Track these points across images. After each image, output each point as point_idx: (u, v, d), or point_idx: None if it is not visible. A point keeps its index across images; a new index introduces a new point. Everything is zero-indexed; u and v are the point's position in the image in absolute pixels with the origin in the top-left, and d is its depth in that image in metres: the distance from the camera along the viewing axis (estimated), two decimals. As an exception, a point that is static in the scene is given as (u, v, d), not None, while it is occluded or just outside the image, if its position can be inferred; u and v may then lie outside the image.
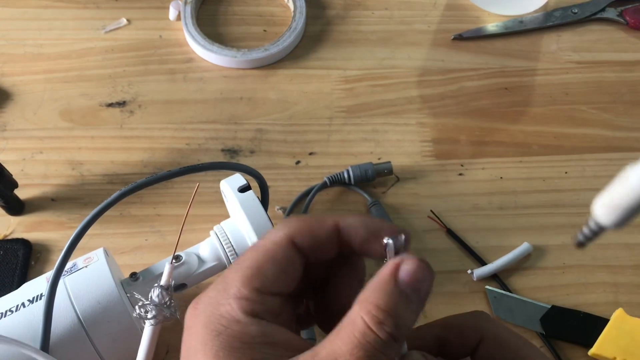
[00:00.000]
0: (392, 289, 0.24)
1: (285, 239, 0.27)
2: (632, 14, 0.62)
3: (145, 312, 0.35)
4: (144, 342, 0.35)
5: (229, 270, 0.26)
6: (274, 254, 0.26)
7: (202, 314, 0.25)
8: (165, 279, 0.36)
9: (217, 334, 0.24)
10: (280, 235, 0.27)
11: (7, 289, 0.46)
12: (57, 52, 0.59)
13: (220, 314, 0.25)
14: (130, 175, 0.53)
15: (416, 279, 0.24)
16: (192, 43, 0.59)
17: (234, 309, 0.25)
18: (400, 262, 0.24)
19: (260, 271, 0.26)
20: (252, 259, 0.26)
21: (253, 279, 0.25)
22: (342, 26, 0.63)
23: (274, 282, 0.26)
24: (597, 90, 0.59)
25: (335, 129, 0.56)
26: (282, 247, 0.26)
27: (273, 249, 0.26)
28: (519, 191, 0.53)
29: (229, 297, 0.25)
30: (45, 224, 0.50)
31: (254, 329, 0.24)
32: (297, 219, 0.27)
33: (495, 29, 0.62)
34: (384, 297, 0.23)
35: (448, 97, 0.58)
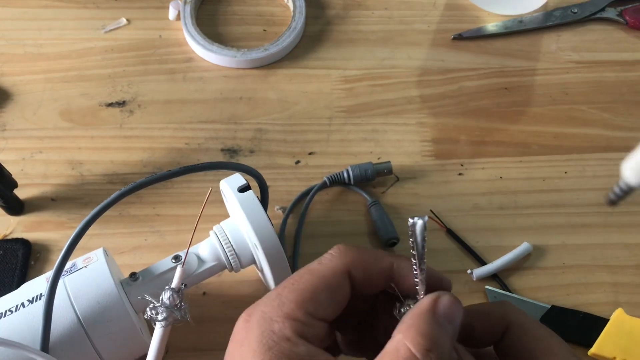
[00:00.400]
0: (431, 319, 0.25)
1: (342, 269, 0.28)
2: (632, 13, 0.62)
3: (156, 314, 0.35)
4: (154, 344, 0.35)
5: (285, 289, 0.27)
6: (330, 282, 0.27)
7: (255, 328, 0.26)
8: (176, 281, 0.36)
9: (268, 348, 0.25)
10: (339, 264, 0.28)
11: (7, 289, 0.46)
12: (57, 52, 0.59)
13: (272, 330, 0.26)
14: (130, 175, 0.53)
15: (452, 312, 0.26)
16: (192, 43, 0.59)
17: (286, 328, 0.26)
18: (438, 296, 0.26)
19: (315, 296, 0.27)
20: (309, 282, 0.27)
21: (307, 302, 0.27)
22: (342, 26, 0.63)
23: (325, 308, 0.27)
24: (597, 90, 0.59)
25: (335, 129, 0.56)
26: (338, 276, 0.28)
27: (329, 276, 0.27)
28: (519, 191, 0.53)
29: (283, 316, 0.26)
30: (45, 224, 0.50)
31: (302, 349, 0.26)
32: (355, 250, 0.29)
33: (495, 29, 0.62)
34: (426, 326, 0.25)
35: (448, 97, 0.58)
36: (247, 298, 0.47)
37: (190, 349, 0.45)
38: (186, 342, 0.45)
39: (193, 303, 0.46)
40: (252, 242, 0.41)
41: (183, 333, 0.45)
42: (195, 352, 0.45)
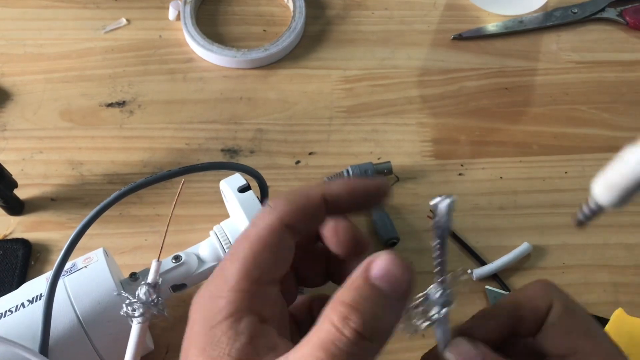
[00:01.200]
0: (361, 284, 0.23)
1: (277, 224, 0.26)
2: (632, 14, 0.62)
3: (132, 310, 0.35)
4: (132, 341, 0.35)
5: (226, 262, 0.26)
6: (269, 242, 0.25)
7: (201, 308, 0.25)
8: (152, 276, 0.36)
9: (210, 326, 0.24)
10: (272, 219, 0.26)
11: (7, 289, 0.46)
12: (57, 52, 0.59)
13: (217, 307, 0.25)
14: (130, 175, 0.53)
15: (389, 274, 0.23)
16: (192, 43, 0.59)
17: (231, 302, 0.24)
18: (372, 259, 0.23)
19: (258, 261, 0.25)
20: (247, 248, 0.25)
21: (251, 270, 0.25)
22: (342, 26, 0.63)
23: (272, 270, 0.25)
24: (597, 90, 0.59)
25: (335, 129, 0.56)
26: (276, 232, 0.26)
27: (267, 235, 0.26)
28: (519, 191, 0.53)
29: (228, 290, 0.25)
30: (45, 224, 0.50)
31: (244, 325, 0.24)
32: (284, 201, 0.27)
33: (495, 29, 0.62)
34: (352, 293, 0.22)
35: (448, 97, 0.58)
36: (247, 298, 0.47)
37: (190, 349, 0.45)
38: (186, 342, 0.45)
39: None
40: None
41: (183, 333, 0.45)
42: (196, 352, 0.45)
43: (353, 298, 0.22)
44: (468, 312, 0.46)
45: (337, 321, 0.22)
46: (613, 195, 0.23)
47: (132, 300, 0.35)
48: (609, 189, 0.23)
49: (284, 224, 0.26)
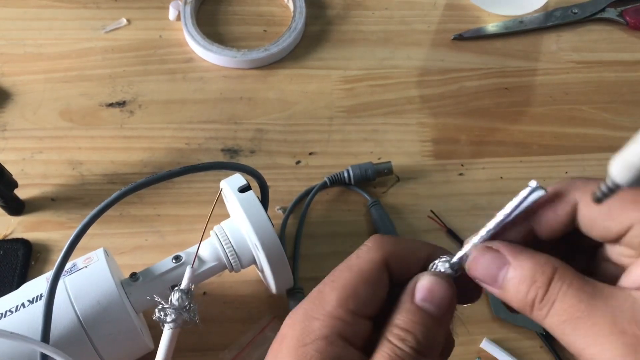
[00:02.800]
0: (409, 307, 0.25)
1: (380, 261, 0.27)
2: (632, 14, 0.62)
3: (164, 316, 0.35)
4: (163, 346, 0.35)
5: (326, 286, 0.27)
6: (369, 276, 0.26)
7: (295, 325, 0.26)
8: (185, 282, 0.36)
9: (303, 344, 0.25)
10: (376, 256, 0.27)
11: (7, 289, 0.45)
12: (57, 52, 0.59)
13: (311, 328, 0.26)
14: (130, 175, 0.53)
15: (431, 293, 0.25)
16: (192, 43, 0.59)
17: (326, 327, 0.25)
18: (415, 282, 0.26)
19: (356, 293, 0.26)
20: (348, 278, 0.26)
21: (349, 300, 0.26)
22: (342, 26, 0.63)
23: (367, 304, 0.26)
24: (597, 90, 0.59)
25: (335, 129, 0.56)
26: (377, 269, 0.27)
27: (368, 270, 0.27)
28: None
29: (324, 314, 0.26)
30: (45, 224, 0.50)
31: (337, 350, 0.25)
32: (392, 240, 0.28)
33: (495, 29, 0.62)
34: (403, 316, 0.25)
35: (448, 97, 0.58)
36: (247, 298, 0.47)
37: (190, 349, 0.45)
38: (186, 342, 0.45)
39: (193, 303, 0.46)
40: (253, 242, 0.41)
41: (183, 333, 0.45)
42: (195, 352, 0.45)
43: (405, 321, 0.25)
44: (468, 312, 0.47)
45: (395, 341, 0.25)
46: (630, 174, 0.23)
47: (164, 306, 0.35)
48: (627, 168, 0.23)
49: (385, 263, 0.27)
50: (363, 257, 0.27)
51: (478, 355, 0.45)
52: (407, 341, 0.24)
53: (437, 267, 0.27)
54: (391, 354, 0.24)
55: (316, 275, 0.38)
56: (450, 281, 0.26)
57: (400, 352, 0.24)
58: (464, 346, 0.46)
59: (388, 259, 0.27)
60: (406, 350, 0.24)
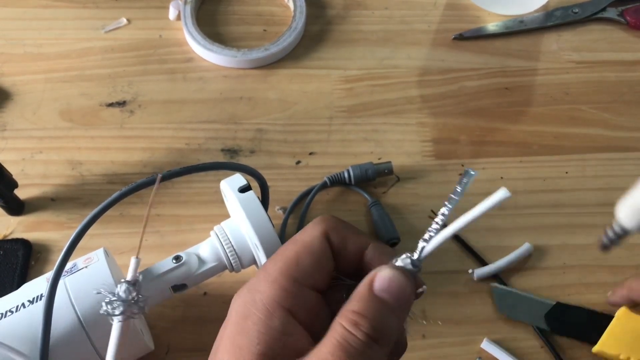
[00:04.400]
0: (367, 295, 0.25)
1: (321, 233, 0.28)
2: (633, 13, 0.62)
3: (112, 309, 0.34)
4: (113, 340, 0.35)
5: (269, 261, 0.28)
6: (311, 246, 0.28)
7: (239, 299, 0.27)
8: (131, 274, 0.35)
9: (245, 317, 0.26)
10: (317, 229, 0.28)
11: (7, 289, 0.45)
12: (57, 52, 0.59)
13: (253, 299, 0.26)
14: (130, 175, 0.52)
15: (391, 285, 0.25)
16: (192, 43, 0.59)
17: (267, 297, 0.26)
18: (375, 273, 0.26)
19: (299, 262, 0.27)
20: (291, 250, 0.28)
21: (292, 269, 0.27)
22: (342, 26, 0.63)
23: (311, 273, 0.27)
24: (597, 90, 0.59)
25: (335, 129, 0.56)
26: (318, 240, 0.28)
27: (309, 241, 0.28)
28: (519, 191, 0.53)
29: (267, 284, 0.26)
30: (45, 224, 0.50)
31: (276, 322, 0.25)
32: (334, 218, 0.29)
33: (495, 29, 0.62)
34: (359, 302, 0.25)
35: (448, 97, 0.58)
36: (247, 298, 0.47)
37: (190, 349, 0.45)
38: (186, 342, 0.45)
39: (194, 303, 0.46)
40: (253, 242, 0.41)
41: (184, 333, 0.45)
42: (195, 352, 0.45)
43: (360, 307, 0.25)
44: (468, 312, 0.47)
45: (348, 326, 0.24)
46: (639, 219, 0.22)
47: (112, 299, 0.34)
48: (635, 212, 0.22)
49: (325, 234, 0.28)
50: (305, 231, 0.28)
51: (478, 355, 0.45)
52: (360, 326, 0.24)
53: (397, 262, 0.27)
54: (341, 340, 0.24)
55: (316, 276, 0.38)
56: (409, 276, 0.26)
57: (351, 338, 0.24)
58: (464, 346, 0.46)
59: (328, 230, 0.28)
60: (358, 335, 0.24)
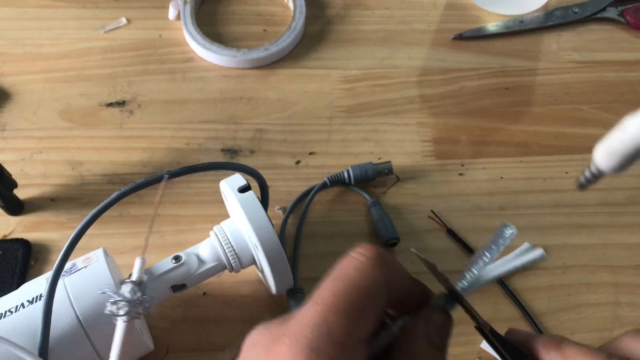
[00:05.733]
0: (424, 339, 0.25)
1: (382, 279, 0.24)
2: (633, 13, 0.62)
3: (117, 309, 0.34)
4: (117, 340, 0.35)
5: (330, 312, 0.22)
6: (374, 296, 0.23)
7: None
8: (136, 274, 0.35)
9: None
10: (378, 274, 0.23)
11: (7, 289, 0.45)
12: (57, 52, 0.59)
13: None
14: (129, 175, 0.52)
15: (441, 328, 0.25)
16: (192, 42, 0.59)
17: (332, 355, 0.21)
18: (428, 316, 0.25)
19: (363, 318, 0.22)
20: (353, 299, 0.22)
21: (357, 326, 0.22)
22: (342, 26, 0.63)
23: (370, 327, 0.23)
24: (597, 90, 0.59)
25: (335, 129, 0.56)
26: (380, 288, 0.23)
27: (375, 291, 0.23)
28: (519, 191, 0.53)
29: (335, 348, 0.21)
30: (45, 224, 0.50)
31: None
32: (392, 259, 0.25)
33: (495, 29, 0.62)
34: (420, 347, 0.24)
35: (448, 97, 0.58)
36: (247, 298, 0.47)
37: (190, 349, 0.45)
38: (186, 342, 0.45)
39: (193, 303, 0.46)
40: (253, 242, 0.41)
41: (184, 333, 0.45)
42: (195, 352, 0.45)
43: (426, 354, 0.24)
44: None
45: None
46: (613, 161, 0.24)
47: (117, 299, 0.34)
48: (610, 155, 0.24)
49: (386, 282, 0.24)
50: (364, 272, 0.23)
51: (478, 355, 0.45)
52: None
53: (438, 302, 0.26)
54: None
55: (316, 275, 0.38)
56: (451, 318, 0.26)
57: None
58: (464, 346, 0.46)
59: (389, 278, 0.24)
60: None
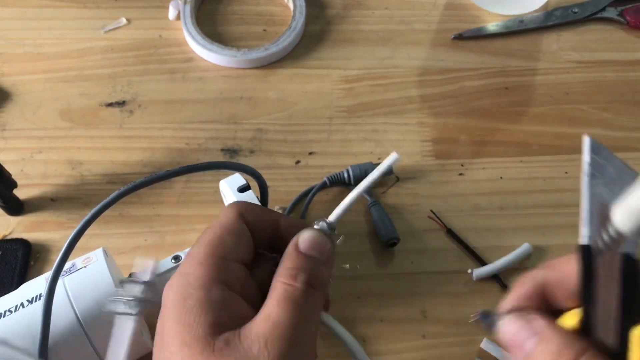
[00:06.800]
0: (296, 254, 0.29)
1: (235, 214, 0.31)
2: (633, 13, 0.62)
3: (129, 308, 0.34)
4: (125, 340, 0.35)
5: (193, 248, 0.30)
6: (229, 227, 0.30)
7: (174, 285, 0.29)
8: (149, 274, 0.35)
9: (183, 298, 0.27)
10: (232, 211, 0.31)
11: (7, 289, 0.45)
12: (57, 52, 0.59)
13: (187, 282, 0.28)
14: (129, 175, 0.52)
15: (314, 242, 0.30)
16: (192, 42, 0.59)
17: (201, 275, 0.28)
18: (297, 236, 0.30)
19: (221, 242, 0.29)
20: (212, 233, 0.30)
21: (216, 248, 0.29)
22: (342, 26, 0.63)
23: (234, 250, 0.30)
24: (597, 90, 0.59)
25: (335, 129, 0.56)
26: (234, 220, 0.31)
27: (226, 222, 0.30)
28: (519, 191, 0.53)
29: (197, 266, 0.28)
30: (45, 224, 0.50)
31: (215, 294, 0.27)
32: (244, 202, 0.32)
33: (495, 29, 0.62)
34: (291, 261, 0.29)
35: (448, 97, 0.58)
36: (247, 298, 0.47)
37: (190, 349, 0.45)
38: (186, 343, 0.45)
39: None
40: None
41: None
42: (195, 353, 0.45)
43: (293, 264, 0.29)
44: (468, 312, 0.46)
45: (287, 279, 0.28)
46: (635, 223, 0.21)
47: (129, 299, 0.35)
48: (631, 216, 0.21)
49: (240, 215, 0.31)
50: (221, 216, 0.31)
51: (478, 355, 0.45)
52: (299, 277, 0.28)
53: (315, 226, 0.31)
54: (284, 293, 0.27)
55: (316, 275, 0.38)
56: (326, 233, 0.30)
57: (292, 289, 0.28)
58: (464, 346, 0.46)
59: (242, 212, 0.31)
60: (297, 285, 0.28)
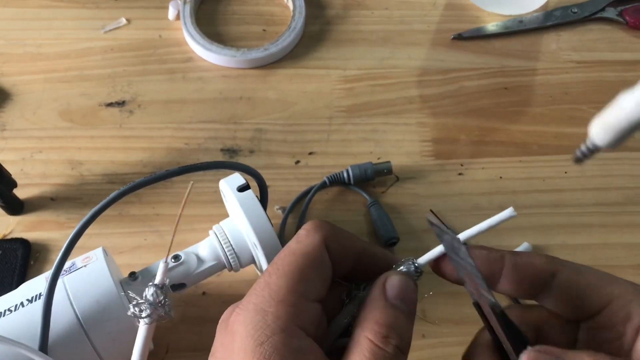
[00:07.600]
0: (383, 304, 0.26)
1: (320, 242, 0.27)
2: (632, 13, 0.62)
3: (139, 311, 0.35)
4: (139, 342, 0.35)
5: (272, 276, 0.26)
6: (313, 258, 0.26)
7: (248, 321, 0.25)
8: (159, 277, 0.36)
9: (259, 343, 0.24)
10: (317, 238, 0.27)
11: (6, 288, 0.45)
12: (57, 52, 0.59)
13: (265, 323, 0.25)
14: (129, 175, 0.52)
15: (403, 292, 0.26)
16: (192, 42, 0.59)
17: (280, 318, 0.25)
18: (385, 279, 0.27)
19: (304, 276, 0.26)
20: (294, 263, 0.26)
21: (298, 284, 0.25)
22: (341, 26, 0.63)
23: (315, 287, 0.26)
24: (597, 90, 0.59)
25: (335, 129, 0.56)
26: (319, 250, 0.27)
27: (312, 252, 0.26)
28: (518, 191, 0.53)
29: (276, 304, 0.25)
30: (45, 224, 0.50)
31: (294, 342, 0.24)
32: (329, 224, 0.28)
33: (495, 29, 0.62)
34: (380, 313, 0.25)
35: (448, 97, 0.58)
36: (246, 298, 0.47)
37: (190, 349, 0.45)
38: (186, 342, 0.45)
39: (193, 303, 0.46)
40: (252, 241, 0.41)
41: (183, 333, 0.45)
42: (195, 352, 0.45)
43: (384, 319, 0.25)
44: (468, 312, 0.46)
45: (378, 340, 0.24)
46: (608, 136, 0.25)
47: (139, 301, 0.35)
48: (605, 130, 0.25)
49: (325, 244, 0.27)
50: (304, 241, 0.27)
51: (478, 355, 0.45)
52: (391, 340, 0.24)
53: (401, 268, 0.28)
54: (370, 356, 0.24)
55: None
56: (414, 281, 0.27)
57: (382, 354, 0.24)
58: (464, 346, 0.45)
59: (327, 240, 0.27)
60: (389, 351, 0.24)
